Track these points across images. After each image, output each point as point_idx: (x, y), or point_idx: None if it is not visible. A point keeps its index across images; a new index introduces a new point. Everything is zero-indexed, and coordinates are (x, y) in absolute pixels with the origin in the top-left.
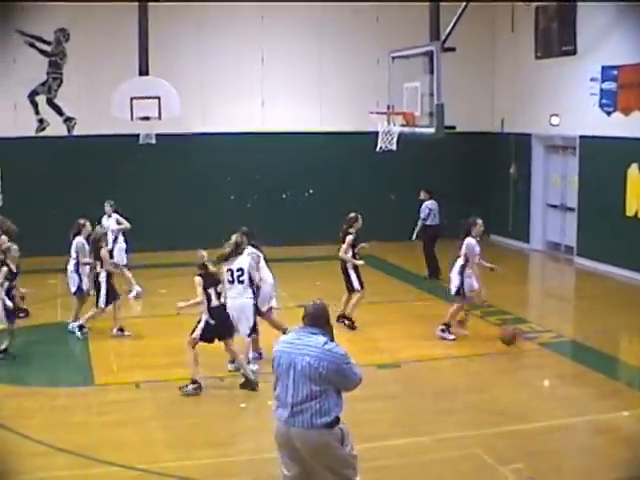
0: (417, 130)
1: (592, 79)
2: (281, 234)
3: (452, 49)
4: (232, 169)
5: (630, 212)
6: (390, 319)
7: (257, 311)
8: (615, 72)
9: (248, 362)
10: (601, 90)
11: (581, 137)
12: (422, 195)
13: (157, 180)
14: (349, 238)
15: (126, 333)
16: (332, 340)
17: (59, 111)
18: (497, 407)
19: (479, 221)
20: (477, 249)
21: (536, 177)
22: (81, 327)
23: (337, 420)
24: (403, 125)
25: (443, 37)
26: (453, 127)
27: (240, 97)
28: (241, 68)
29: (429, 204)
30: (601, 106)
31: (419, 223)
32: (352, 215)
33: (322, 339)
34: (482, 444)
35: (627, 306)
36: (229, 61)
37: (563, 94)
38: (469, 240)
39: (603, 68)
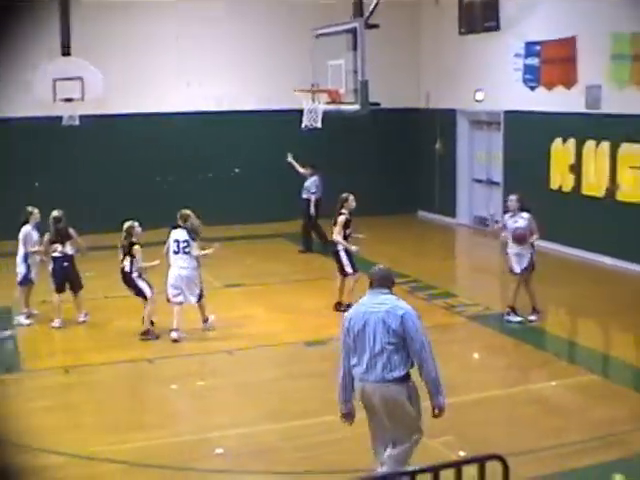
0: (342, 107)
1: (516, 55)
2: (206, 214)
3: (376, 26)
4: (157, 149)
5: (554, 185)
6: (317, 297)
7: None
8: (538, 48)
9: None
10: (525, 66)
11: (505, 112)
12: (307, 170)
13: (80, 162)
14: (341, 219)
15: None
16: None
17: None
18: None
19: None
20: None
21: (461, 152)
22: (29, 315)
23: (406, 377)
24: (328, 103)
25: (367, 14)
26: (378, 104)
27: (165, 78)
28: (166, 48)
29: (316, 179)
30: (525, 81)
31: (313, 198)
32: (344, 195)
33: (393, 297)
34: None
35: (553, 279)
36: (153, 41)
37: (487, 70)
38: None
39: (526, 44)
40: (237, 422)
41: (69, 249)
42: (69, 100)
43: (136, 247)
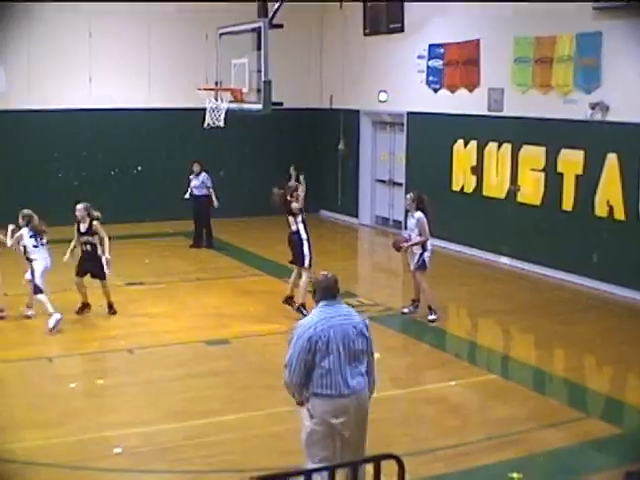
0: (245, 106)
1: (419, 56)
2: (109, 211)
3: (280, 26)
4: (60, 146)
5: (456, 187)
6: (218, 295)
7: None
8: (441, 50)
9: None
10: (428, 67)
11: (409, 113)
12: (196, 167)
13: None
14: (294, 206)
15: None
16: None
17: None
18: None
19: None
20: None
21: (364, 153)
22: None
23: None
24: (231, 101)
25: (271, 14)
26: (280, 103)
27: (67, 72)
28: (68, 43)
29: (206, 175)
30: (428, 83)
31: (212, 191)
32: (291, 184)
33: (347, 307)
34: None
35: (455, 278)
36: (56, 35)
37: (391, 71)
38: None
39: (430, 46)
40: (137, 421)
41: None
42: None
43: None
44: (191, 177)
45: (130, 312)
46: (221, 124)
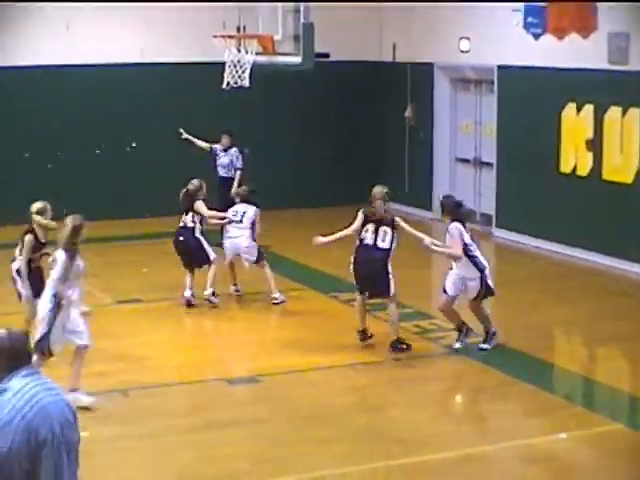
0: (277, 59)
1: None
2: (94, 203)
3: None
4: (26, 115)
5: (566, 168)
6: (243, 317)
7: None
8: None
9: None
10: (526, 6)
11: (500, 68)
12: (224, 140)
13: None
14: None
15: None
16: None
17: None
18: (393, 432)
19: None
20: None
21: (440, 122)
22: None
23: None
24: (259, 53)
25: None
26: (326, 55)
27: (37, 19)
28: None
29: (237, 151)
30: (526, 26)
31: (238, 175)
32: (195, 184)
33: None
34: None
35: (564, 292)
36: None
37: (476, 10)
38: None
39: None
40: None
41: None
42: None
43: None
44: (217, 151)
45: (123, 340)
46: (245, 83)
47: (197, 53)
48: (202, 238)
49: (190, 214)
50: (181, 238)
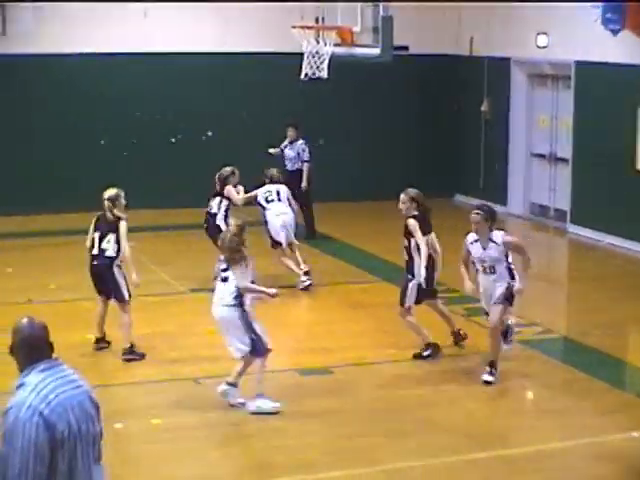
0: (356, 51)
1: None
2: (168, 191)
3: None
4: (103, 103)
5: None
6: (316, 308)
7: None
8: None
9: None
10: (605, 2)
11: (577, 63)
12: (290, 133)
13: None
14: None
15: None
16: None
17: None
18: (465, 427)
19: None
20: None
21: (516, 117)
22: None
23: None
24: (337, 44)
25: None
26: (405, 47)
27: (115, 7)
28: None
29: (303, 143)
30: (605, 22)
31: (306, 167)
32: (228, 169)
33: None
34: (445, 476)
35: (638, 291)
36: None
37: (554, 6)
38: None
39: None
40: (208, 476)
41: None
42: None
43: (123, 224)
44: (283, 145)
45: (196, 329)
46: (323, 75)
47: (274, 43)
48: (223, 225)
49: (217, 199)
50: (205, 225)
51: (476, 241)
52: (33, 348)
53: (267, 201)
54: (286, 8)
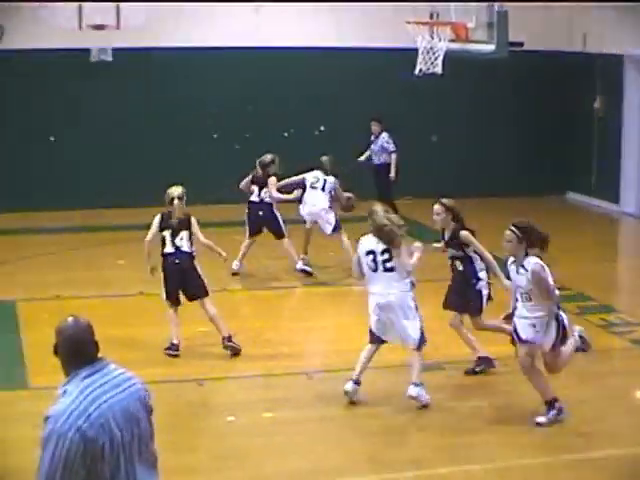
0: (470, 47)
1: None
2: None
3: None
4: (215, 97)
5: None
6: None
7: None
8: None
9: None
10: None
11: None
12: (375, 127)
13: (111, 111)
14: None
15: None
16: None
17: None
18: (576, 426)
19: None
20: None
21: (630, 114)
22: None
23: None
24: (451, 40)
25: None
26: (520, 44)
27: (228, 3)
28: None
29: (387, 136)
30: None
31: (394, 158)
32: (268, 157)
33: (116, 366)
34: (555, 475)
35: None
36: None
37: None
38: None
39: None
40: (318, 469)
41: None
42: (100, 28)
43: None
44: (370, 142)
45: (310, 322)
46: (438, 70)
47: (385, 38)
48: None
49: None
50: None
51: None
52: (76, 349)
53: (311, 187)
54: (399, 3)
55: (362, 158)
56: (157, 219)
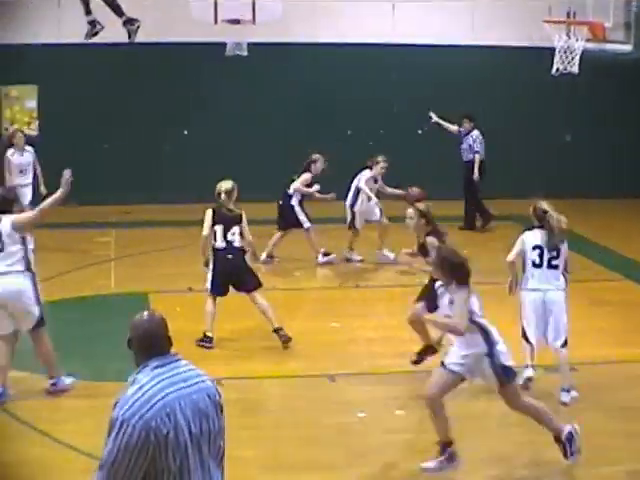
0: (607, 47)
1: None
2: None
3: None
4: (349, 92)
5: None
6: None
7: None
8: None
9: None
10: None
11: None
12: (466, 124)
13: (246, 105)
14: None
15: None
16: None
17: (118, 10)
18: None
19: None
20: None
21: None
22: None
23: None
24: (588, 40)
25: None
26: None
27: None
28: None
29: (478, 134)
30: None
31: (477, 158)
32: (314, 157)
33: (188, 363)
34: None
35: None
36: None
37: None
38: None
39: None
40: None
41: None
42: (235, 22)
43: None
44: (462, 134)
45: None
46: (575, 70)
47: (523, 37)
48: (296, 206)
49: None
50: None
51: None
52: (149, 343)
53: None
54: (534, 2)
55: (443, 123)
56: (209, 213)
